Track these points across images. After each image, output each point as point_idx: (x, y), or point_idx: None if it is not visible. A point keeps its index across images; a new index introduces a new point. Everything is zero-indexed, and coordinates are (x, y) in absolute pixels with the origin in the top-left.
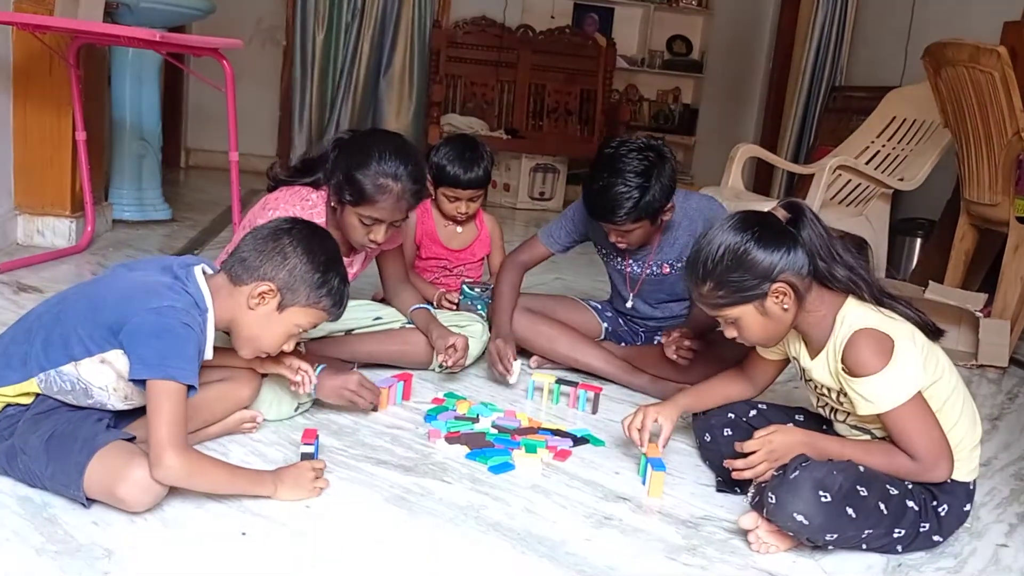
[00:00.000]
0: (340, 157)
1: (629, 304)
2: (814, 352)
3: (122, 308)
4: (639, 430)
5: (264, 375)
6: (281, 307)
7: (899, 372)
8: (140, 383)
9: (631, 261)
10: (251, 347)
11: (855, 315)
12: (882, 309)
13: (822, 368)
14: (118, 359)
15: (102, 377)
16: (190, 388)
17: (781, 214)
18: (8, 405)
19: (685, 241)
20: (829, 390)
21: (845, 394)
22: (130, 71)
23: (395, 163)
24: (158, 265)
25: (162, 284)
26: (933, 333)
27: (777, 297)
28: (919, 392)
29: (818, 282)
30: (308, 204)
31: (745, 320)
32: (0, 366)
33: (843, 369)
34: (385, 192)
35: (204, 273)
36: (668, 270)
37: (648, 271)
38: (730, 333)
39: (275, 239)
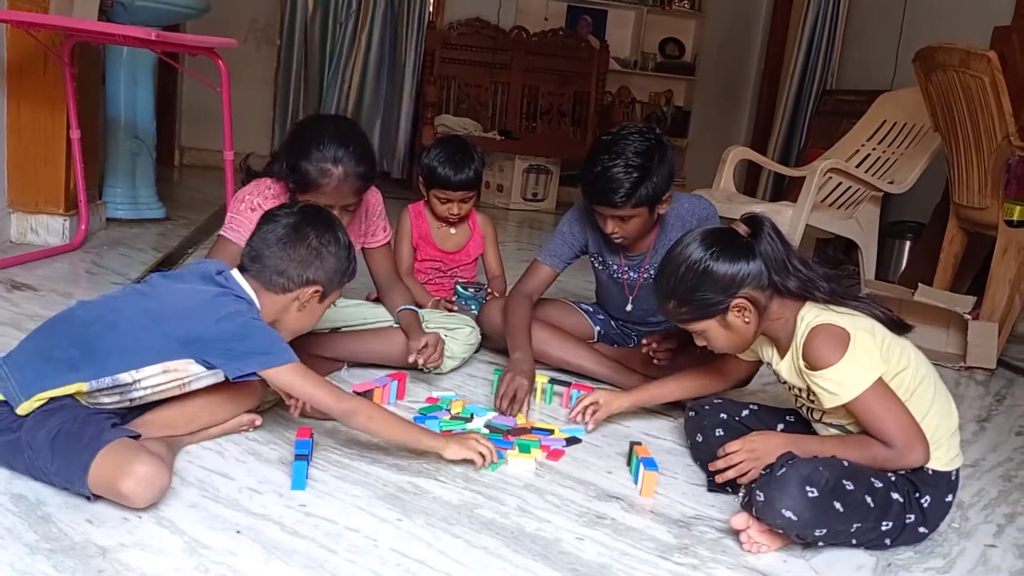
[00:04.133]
0: (286, 146)
1: (629, 308)
2: (782, 354)
3: (189, 323)
4: (583, 410)
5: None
6: (323, 297)
7: (856, 361)
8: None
9: (627, 268)
10: (294, 335)
11: (812, 314)
12: (835, 307)
13: (789, 369)
14: (186, 367)
15: (156, 380)
16: None
17: (742, 229)
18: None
19: None
20: (800, 390)
21: (814, 392)
22: (125, 69)
23: (335, 147)
24: (196, 275)
25: (214, 294)
26: (898, 327)
27: (738, 311)
28: (881, 379)
29: (776, 292)
30: (270, 194)
31: (711, 333)
32: (46, 369)
33: (805, 366)
34: (327, 176)
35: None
36: None
37: (645, 275)
38: (700, 343)
39: (301, 240)
